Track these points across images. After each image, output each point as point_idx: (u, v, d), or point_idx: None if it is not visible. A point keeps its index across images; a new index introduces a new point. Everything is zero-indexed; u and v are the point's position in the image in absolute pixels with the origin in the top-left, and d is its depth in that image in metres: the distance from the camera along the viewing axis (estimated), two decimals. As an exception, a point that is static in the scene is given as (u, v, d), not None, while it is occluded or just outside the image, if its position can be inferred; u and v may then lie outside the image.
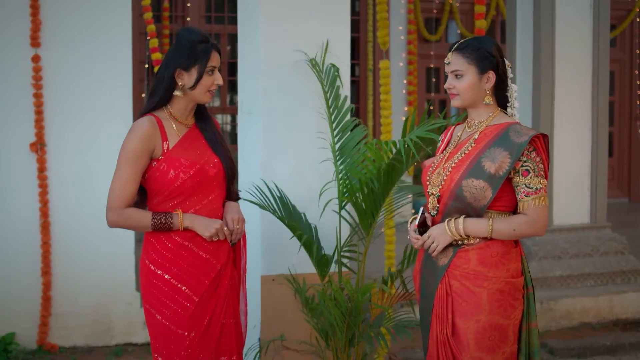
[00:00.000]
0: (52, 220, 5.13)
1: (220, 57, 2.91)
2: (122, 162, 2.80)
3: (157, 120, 2.83)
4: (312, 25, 4.04)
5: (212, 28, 9.91)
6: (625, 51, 11.71)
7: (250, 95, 4.18)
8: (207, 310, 2.86)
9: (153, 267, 2.84)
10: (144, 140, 2.78)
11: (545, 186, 2.67)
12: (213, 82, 2.86)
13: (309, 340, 3.85)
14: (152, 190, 2.85)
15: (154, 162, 2.82)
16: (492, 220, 2.65)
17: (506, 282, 2.67)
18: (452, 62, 2.74)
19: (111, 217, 2.81)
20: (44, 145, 5.11)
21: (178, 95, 2.86)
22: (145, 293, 2.87)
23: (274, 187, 3.82)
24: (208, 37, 2.88)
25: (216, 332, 2.87)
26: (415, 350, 5.07)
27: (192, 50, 2.81)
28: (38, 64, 5.07)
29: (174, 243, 2.83)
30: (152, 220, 2.79)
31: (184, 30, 2.89)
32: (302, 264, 3.90)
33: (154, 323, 2.86)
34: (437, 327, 2.70)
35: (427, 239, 2.72)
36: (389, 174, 3.48)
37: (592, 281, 6.17)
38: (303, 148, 4.03)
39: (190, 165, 2.81)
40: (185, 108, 2.90)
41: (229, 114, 10.25)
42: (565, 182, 6.22)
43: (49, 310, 5.12)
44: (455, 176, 2.69)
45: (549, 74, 6.16)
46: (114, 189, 2.80)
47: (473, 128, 2.78)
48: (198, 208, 2.85)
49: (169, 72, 2.83)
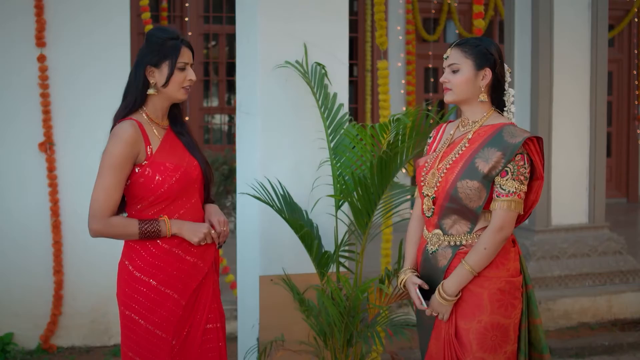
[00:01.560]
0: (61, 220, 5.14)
1: (193, 54, 2.85)
2: (105, 169, 2.71)
3: (138, 124, 2.76)
4: (310, 25, 4.04)
5: (210, 28, 9.91)
6: (624, 51, 11.73)
7: (248, 95, 4.18)
8: (190, 315, 2.82)
9: (138, 274, 2.77)
10: (129, 145, 2.70)
11: (521, 192, 2.65)
12: (185, 77, 2.80)
13: (308, 340, 3.85)
14: (135, 196, 2.77)
15: (137, 168, 2.73)
16: (463, 261, 2.65)
17: (506, 281, 2.67)
18: (450, 56, 2.75)
19: (95, 226, 2.73)
20: (53, 144, 5.11)
21: (152, 93, 2.79)
22: (126, 299, 2.80)
23: (277, 184, 3.82)
24: (179, 34, 2.83)
25: (197, 337, 2.82)
26: (413, 350, 5.07)
27: (161, 47, 2.76)
28: (44, 63, 5.07)
29: (160, 249, 2.77)
30: (140, 228, 2.72)
31: (154, 28, 2.86)
32: (301, 265, 3.90)
33: (136, 329, 2.78)
34: (444, 327, 2.71)
35: (432, 311, 2.72)
36: (383, 170, 3.46)
37: (590, 281, 6.18)
38: (301, 148, 4.03)
39: (175, 169, 2.76)
40: (160, 108, 2.83)
41: (227, 114, 10.25)
42: (563, 182, 6.23)
43: (60, 309, 5.11)
44: (450, 177, 2.69)
45: (547, 74, 6.17)
46: (98, 197, 2.71)
47: (467, 127, 2.78)
48: (182, 212, 2.80)
49: (139, 71, 2.77)
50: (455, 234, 2.71)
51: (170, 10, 9.28)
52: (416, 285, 2.75)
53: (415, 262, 2.85)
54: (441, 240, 2.73)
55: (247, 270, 4.16)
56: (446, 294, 2.66)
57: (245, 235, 4.17)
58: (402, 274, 2.85)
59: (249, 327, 4.05)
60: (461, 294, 2.68)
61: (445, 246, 2.72)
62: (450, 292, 2.66)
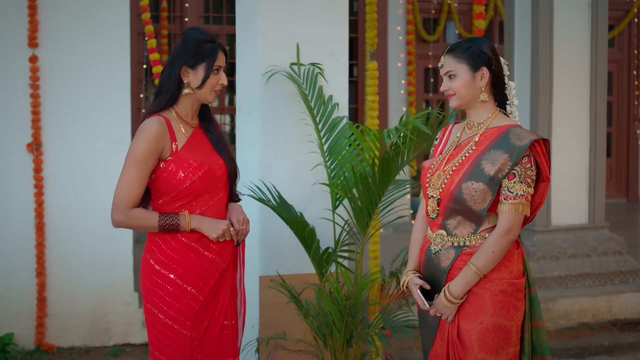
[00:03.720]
0: (49, 221, 5.12)
1: (226, 59, 2.91)
2: (130, 163, 2.78)
3: (166, 120, 2.82)
4: (310, 26, 4.04)
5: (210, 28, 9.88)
6: (624, 51, 11.73)
7: (248, 96, 4.18)
8: (208, 310, 2.86)
9: (158, 267, 2.82)
10: (154, 141, 2.77)
11: (529, 194, 2.65)
12: (218, 81, 2.87)
13: (307, 340, 3.85)
14: (158, 190, 2.84)
15: (162, 163, 2.80)
16: (469, 263, 2.65)
17: (509, 283, 2.67)
18: (444, 64, 2.75)
19: (117, 217, 2.80)
20: (39, 145, 5.09)
21: (186, 93, 2.85)
22: (148, 293, 2.86)
23: (272, 188, 3.82)
24: (215, 37, 2.89)
25: (215, 333, 2.87)
26: (413, 351, 5.07)
27: (199, 49, 2.82)
28: (35, 64, 5.06)
29: (180, 243, 2.82)
30: (159, 221, 2.78)
31: (192, 29, 2.90)
32: (301, 265, 3.90)
33: (155, 322, 2.84)
34: (448, 327, 2.72)
35: (436, 312, 2.73)
36: (385, 169, 3.47)
37: (590, 281, 6.17)
38: (301, 148, 4.03)
39: (199, 167, 2.81)
40: (191, 108, 2.90)
41: (227, 114, 10.26)
42: (563, 183, 6.22)
43: (45, 310, 5.11)
44: (456, 179, 2.68)
45: (547, 74, 6.17)
46: (121, 189, 2.78)
47: (473, 130, 2.78)
48: (204, 209, 2.85)
49: (175, 70, 2.83)
50: (459, 235, 2.71)
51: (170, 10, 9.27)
52: (417, 286, 2.76)
53: (418, 263, 2.86)
54: (445, 240, 2.73)
55: (247, 271, 4.16)
56: (452, 296, 2.66)
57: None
58: (404, 275, 2.86)
59: (249, 327, 4.05)
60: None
61: (449, 247, 2.72)
62: (456, 294, 2.66)
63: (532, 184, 2.66)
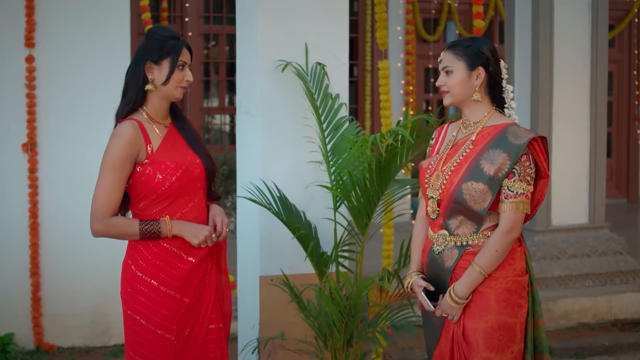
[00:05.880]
0: (45, 221, 5.11)
1: (191, 55, 2.88)
2: (106, 170, 2.73)
3: (139, 123, 2.77)
4: (311, 26, 4.04)
5: (210, 28, 9.92)
6: (624, 51, 11.73)
7: (248, 95, 4.18)
8: (192, 315, 2.82)
9: (140, 274, 2.77)
10: (129, 145, 2.72)
11: (529, 192, 2.66)
12: (184, 77, 2.82)
13: (308, 340, 3.84)
14: (137, 194, 2.79)
15: (138, 167, 2.75)
16: (473, 263, 2.65)
17: (513, 280, 2.68)
18: (443, 59, 2.77)
19: (96, 226, 2.74)
20: (34, 145, 5.08)
21: (150, 89, 2.80)
22: (129, 299, 2.80)
23: (274, 187, 3.82)
24: (179, 34, 2.87)
25: (200, 338, 2.83)
26: (414, 351, 5.06)
27: (163, 44, 2.79)
28: (32, 64, 5.05)
29: (162, 250, 2.77)
30: (140, 229, 2.73)
31: (155, 27, 2.89)
32: (301, 265, 3.89)
33: (137, 328, 2.78)
34: (453, 327, 2.72)
35: (442, 312, 2.73)
36: (382, 171, 3.46)
37: (590, 281, 6.17)
38: (302, 148, 4.02)
39: (176, 167, 2.77)
40: (160, 107, 2.85)
41: (227, 114, 10.26)
42: (563, 183, 6.22)
43: (40, 310, 5.10)
44: (455, 179, 2.69)
45: (547, 74, 6.17)
46: (99, 198, 2.72)
47: (469, 129, 2.78)
48: (185, 211, 2.81)
49: (139, 67, 2.79)
50: (461, 235, 2.71)
51: (170, 10, 9.28)
52: (421, 287, 2.76)
53: (421, 264, 2.86)
54: (447, 240, 2.74)
55: (247, 271, 4.17)
56: (457, 296, 2.67)
57: (246, 236, 4.18)
58: (408, 277, 2.86)
59: (249, 327, 4.05)
60: None
61: (452, 247, 2.72)
62: (462, 294, 2.67)
63: (531, 182, 2.67)
